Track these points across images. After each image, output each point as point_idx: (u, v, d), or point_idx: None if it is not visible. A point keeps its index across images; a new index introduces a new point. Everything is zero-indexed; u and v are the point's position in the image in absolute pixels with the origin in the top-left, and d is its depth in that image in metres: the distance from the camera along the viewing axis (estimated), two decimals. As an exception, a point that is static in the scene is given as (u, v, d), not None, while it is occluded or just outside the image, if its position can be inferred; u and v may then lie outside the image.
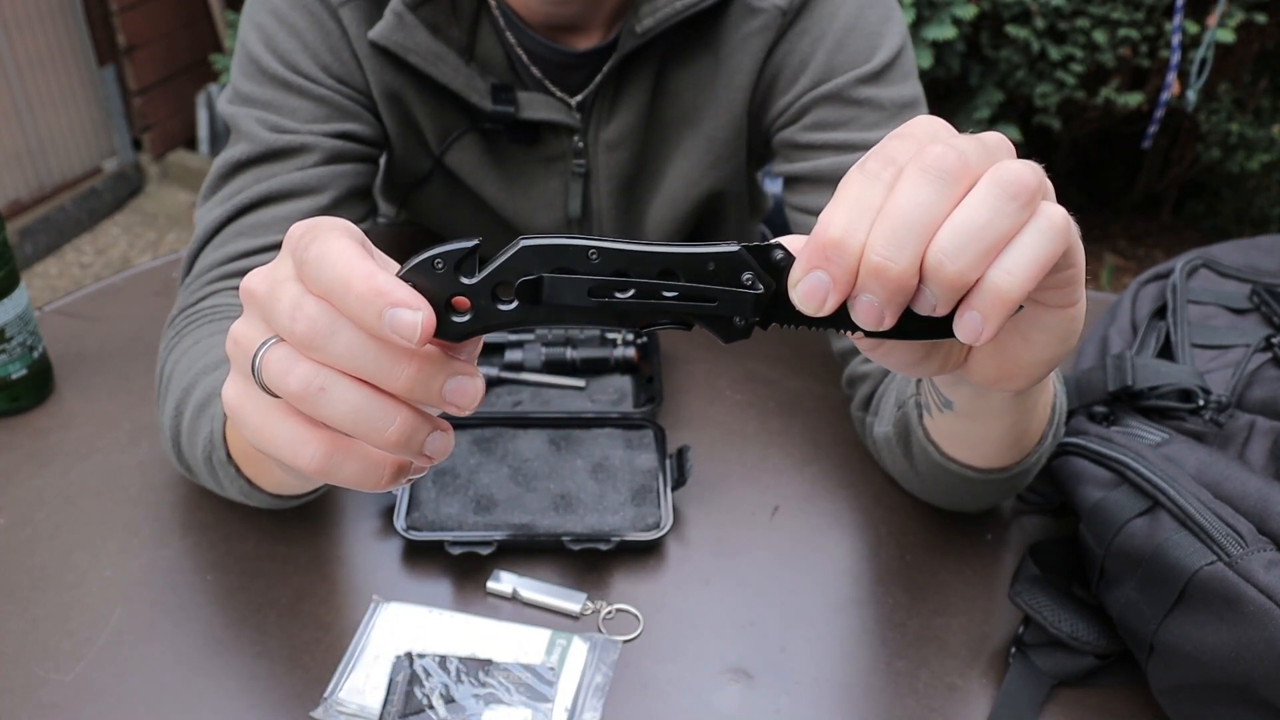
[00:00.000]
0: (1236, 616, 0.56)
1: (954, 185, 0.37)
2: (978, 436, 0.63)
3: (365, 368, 0.39)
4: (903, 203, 0.37)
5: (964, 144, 0.38)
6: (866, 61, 0.80)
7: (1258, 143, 2.47)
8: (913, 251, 0.37)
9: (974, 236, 0.37)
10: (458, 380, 0.39)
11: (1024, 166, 0.38)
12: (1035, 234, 0.38)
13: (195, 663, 0.66)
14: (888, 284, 0.37)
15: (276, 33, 0.81)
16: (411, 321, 0.37)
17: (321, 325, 0.39)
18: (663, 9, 0.80)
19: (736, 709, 0.64)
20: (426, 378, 0.39)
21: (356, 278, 0.37)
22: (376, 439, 0.40)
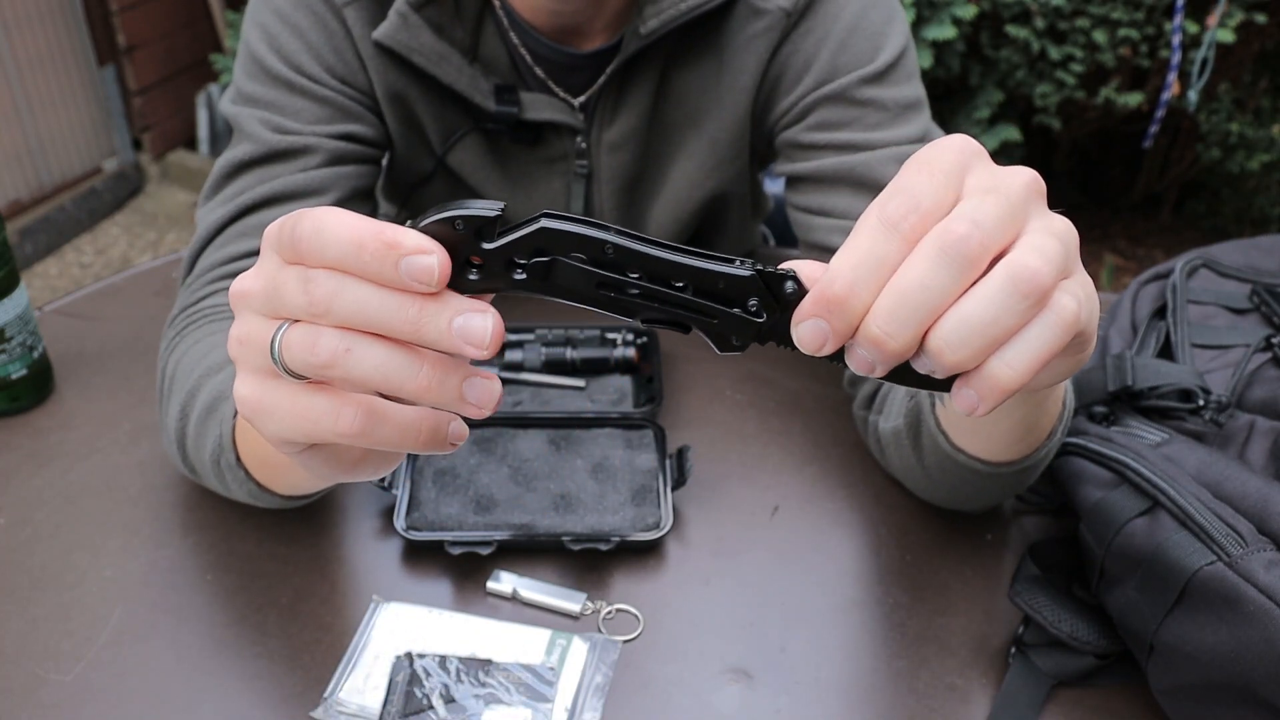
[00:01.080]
0: (1236, 616, 0.56)
1: (968, 271, 0.36)
2: (989, 428, 0.63)
3: (382, 318, 0.39)
4: (912, 281, 0.36)
5: (989, 214, 0.36)
6: (870, 62, 0.80)
7: (1258, 143, 2.47)
8: (914, 332, 0.36)
9: (978, 332, 0.36)
10: (465, 317, 0.39)
11: (1040, 259, 0.36)
12: (1042, 329, 0.37)
13: (195, 663, 0.66)
14: (884, 354, 0.37)
15: (280, 33, 0.81)
16: (428, 265, 0.38)
17: (334, 287, 0.39)
18: (667, 10, 0.80)
19: (736, 709, 0.64)
20: (434, 313, 0.39)
21: (366, 235, 0.38)
22: (410, 388, 0.39)
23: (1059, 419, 0.63)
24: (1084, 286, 0.39)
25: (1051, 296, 0.37)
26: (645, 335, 0.92)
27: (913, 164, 0.38)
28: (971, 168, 0.39)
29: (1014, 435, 0.62)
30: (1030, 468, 0.66)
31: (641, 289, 0.39)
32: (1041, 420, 0.61)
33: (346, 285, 0.38)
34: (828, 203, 0.81)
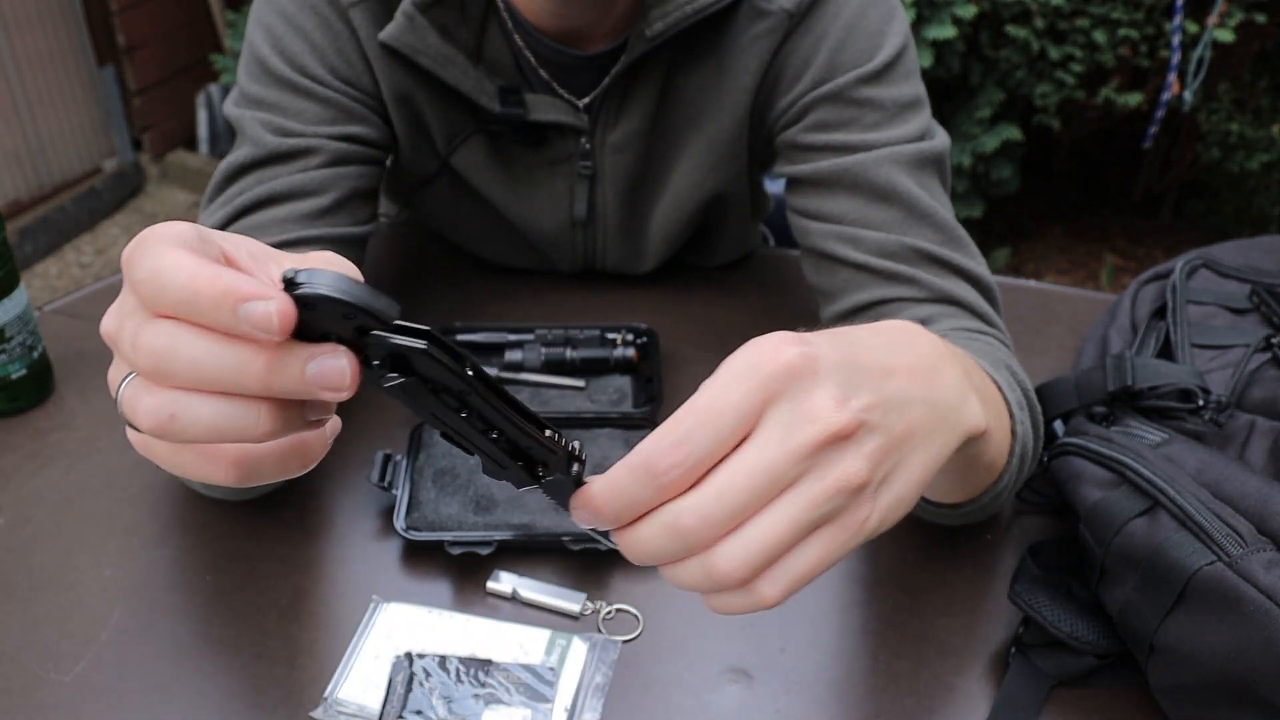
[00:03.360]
0: (1236, 616, 0.56)
1: (690, 549, 0.39)
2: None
3: (217, 377, 0.36)
4: (644, 541, 0.40)
5: (728, 503, 0.38)
6: (868, 61, 0.80)
7: (1258, 143, 2.47)
8: (648, 564, 0.41)
9: (684, 585, 0.41)
10: (318, 362, 0.36)
11: (735, 563, 0.39)
12: (736, 600, 0.41)
13: (195, 663, 0.66)
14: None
15: (284, 34, 0.81)
16: (266, 311, 0.34)
17: (160, 348, 0.36)
18: (673, 13, 0.80)
19: (736, 709, 0.64)
20: (283, 365, 0.36)
21: (202, 282, 0.35)
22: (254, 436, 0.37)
23: (1005, 468, 0.63)
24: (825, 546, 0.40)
25: (751, 584, 0.40)
26: (645, 336, 0.92)
27: (706, 398, 0.39)
28: (779, 399, 0.39)
29: (948, 487, 0.63)
30: (980, 509, 0.66)
31: (461, 429, 0.39)
32: (975, 477, 0.61)
33: (180, 339, 0.35)
34: (825, 206, 0.80)
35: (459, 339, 0.92)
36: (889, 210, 0.77)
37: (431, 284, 1.04)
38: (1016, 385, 0.67)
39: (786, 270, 1.08)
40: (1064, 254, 2.87)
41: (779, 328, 0.41)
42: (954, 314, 0.75)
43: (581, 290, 1.02)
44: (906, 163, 0.79)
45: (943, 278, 0.76)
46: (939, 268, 0.76)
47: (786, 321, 0.39)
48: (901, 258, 0.76)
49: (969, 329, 0.74)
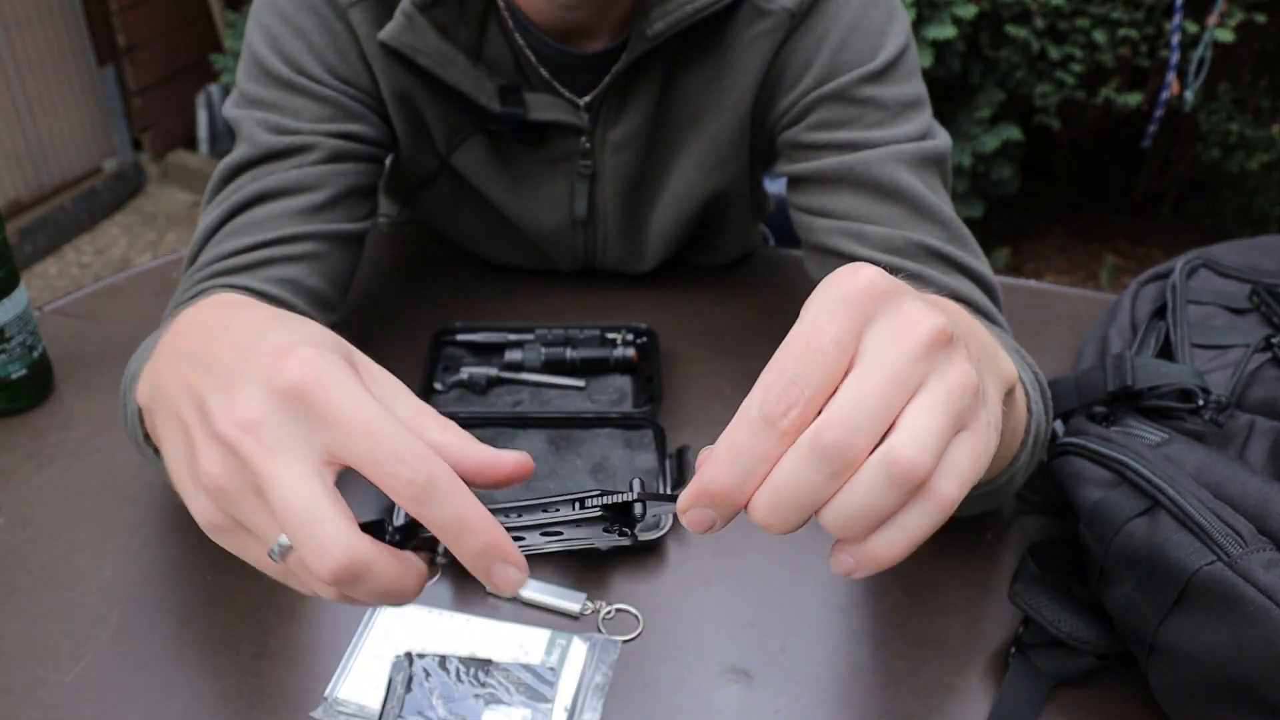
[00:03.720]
0: (1236, 616, 0.56)
1: (842, 471, 0.36)
2: None
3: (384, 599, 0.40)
4: (788, 480, 0.37)
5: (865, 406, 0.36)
6: (870, 60, 0.80)
7: (1258, 142, 2.47)
8: (794, 523, 0.38)
9: (856, 519, 0.37)
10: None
11: (916, 449, 0.36)
12: (920, 516, 0.38)
13: (195, 663, 0.66)
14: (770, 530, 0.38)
15: (282, 35, 0.81)
16: (514, 580, 0.40)
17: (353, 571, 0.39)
18: (674, 12, 0.80)
19: (736, 709, 0.64)
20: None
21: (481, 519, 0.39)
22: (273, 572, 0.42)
23: (1021, 447, 0.63)
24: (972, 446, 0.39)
25: (931, 483, 0.37)
26: (645, 335, 0.92)
27: (800, 336, 0.37)
28: (873, 320, 0.38)
29: None
30: (993, 491, 0.66)
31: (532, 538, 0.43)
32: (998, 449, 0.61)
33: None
34: (829, 203, 0.81)
35: (459, 339, 0.92)
36: (893, 207, 0.77)
37: (431, 284, 1.04)
38: (1028, 366, 0.67)
39: (787, 270, 1.08)
40: (1064, 254, 2.87)
41: (779, 328, 0.41)
42: None
43: (581, 290, 1.02)
44: (909, 161, 0.79)
45: (948, 275, 0.76)
46: (944, 265, 0.76)
47: (787, 322, 0.38)
48: (908, 253, 0.76)
49: None
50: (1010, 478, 0.64)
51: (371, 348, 1.04)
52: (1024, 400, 0.61)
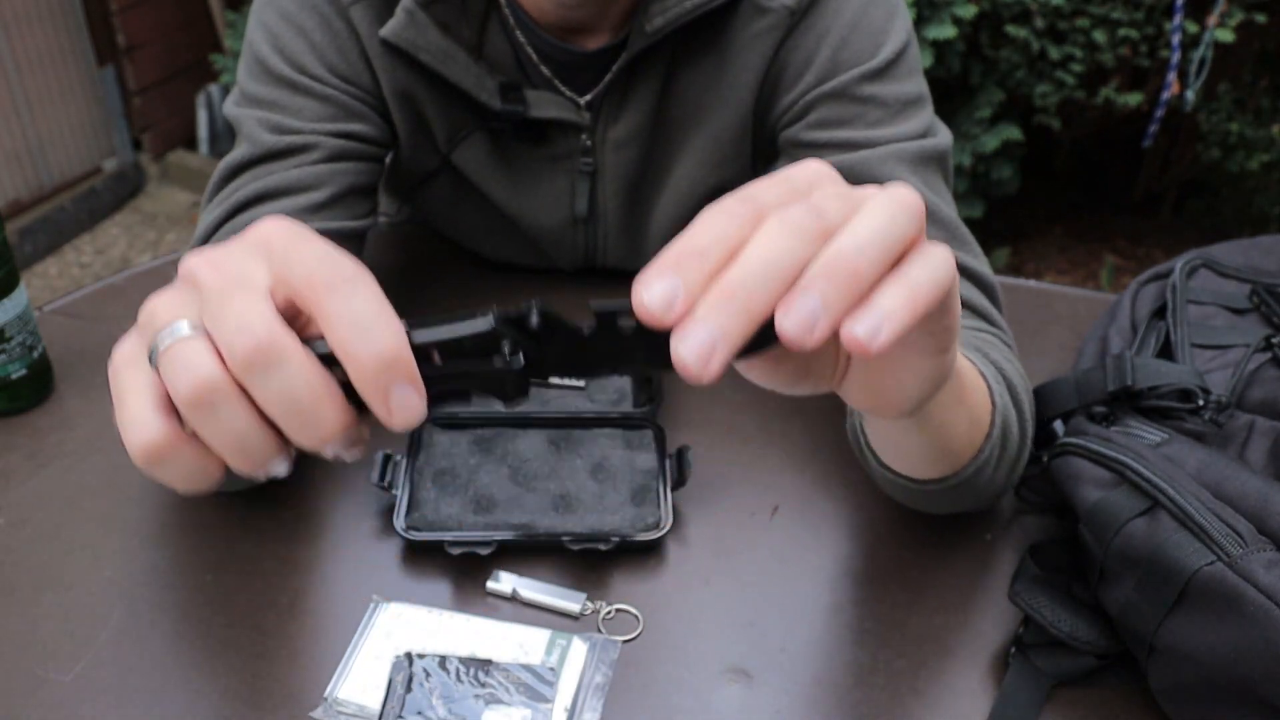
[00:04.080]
0: (1236, 616, 0.56)
1: (815, 239, 0.36)
2: (897, 451, 0.64)
3: (286, 418, 0.36)
4: (764, 246, 0.36)
5: (831, 204, 0.37)
6: (871, 58, 0.80)
7: (1258, 142, 2.47)
8: (774, 290, 0.36)
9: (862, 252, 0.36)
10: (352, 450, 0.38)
11: (912, 191, 0.37)
12: (922, 267, 0.38)
13: (195, 663, 0.66)
14: (738, 315, 0.35)
15: (283, 33, 0.81)
16: (415, 412, 0.36)
17: (269, 351, 0.35)
18: (673, 8, 0.80)
19: (736, 709, 0.64)
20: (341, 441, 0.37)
21: (384, 329, 0.36)
22: (241, 465, 0.37)
23: (986, 439, 0.63)
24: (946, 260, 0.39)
25: (916, 250, 0.38)
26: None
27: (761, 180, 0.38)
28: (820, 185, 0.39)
29: (926, 458, 0.63)
30: (963, 484, 0.66)
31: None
32: (952, 444, 0.61)
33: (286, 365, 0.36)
34: None
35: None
36: None
37: (431, 283, 1.04)
38: (991, 364, 0.68)
39: (786, 270, 1.08)
40: (1064, 254, 2.87)
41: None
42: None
43: (582, 290, 1.02)
44: (909, 160, 0.79)
45: None
46: None
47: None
48: None
49: (969, 328, 0.74)
50: (978, 468, 0.64)
51: (371, 348, 1.03)
52: (979, 393, 0.62)
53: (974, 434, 0.63)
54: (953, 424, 0.59)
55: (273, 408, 0.36)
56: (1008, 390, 0.68)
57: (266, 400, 0.36)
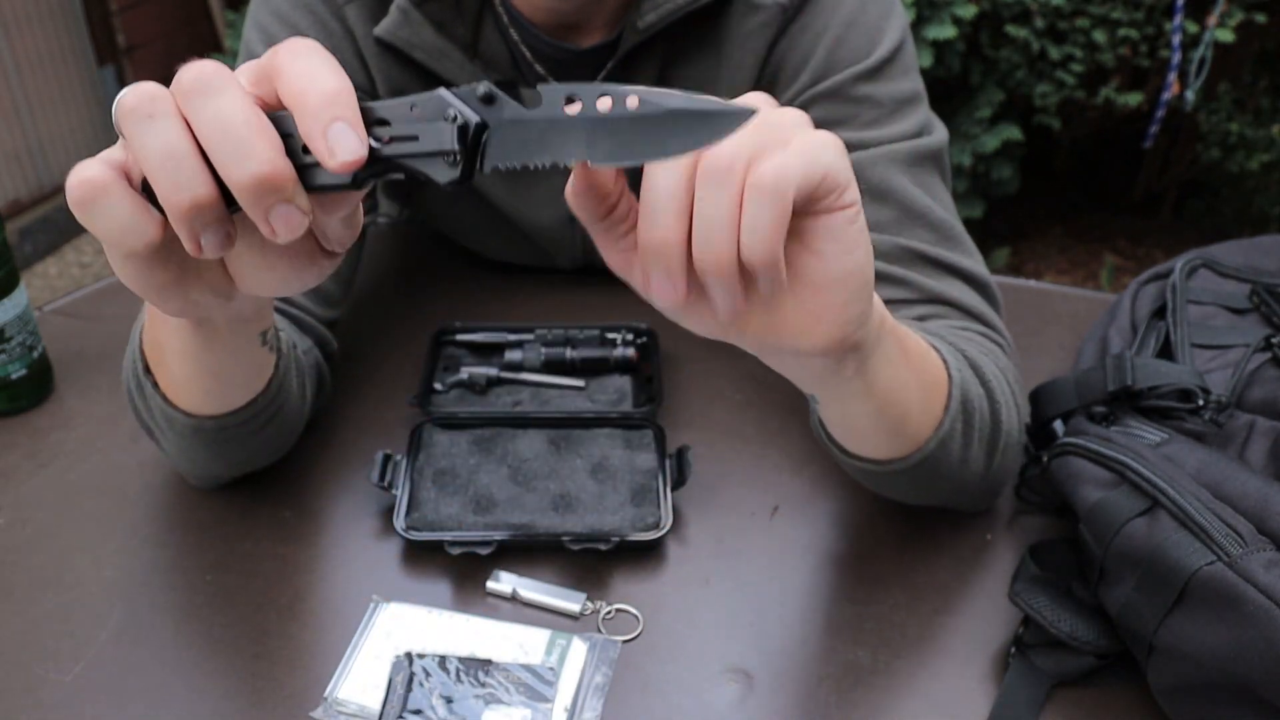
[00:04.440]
0: (1236, 616, 0.56)
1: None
2: (850, 426, 0.64)
3: (220, 142, 0.40)
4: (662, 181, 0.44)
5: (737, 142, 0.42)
6: (866, 58, 0.80)
7: (1258, 142, 2.47)
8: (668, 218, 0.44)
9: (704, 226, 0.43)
10: (287, 209, 0.41)
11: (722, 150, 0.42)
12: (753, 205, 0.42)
13: (195, 663, 0.66)
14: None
15: (279, 34, 0.81)
16: (353, 148, 0.39)
17: (211, 80, 0.40)
18: (665, 5, 0.80)
19: (736, 709, 0.64)
20: (270, 189, 0.40)
21: (330, 75, 0.40)
22: (169, 194, 0.40)
23: (945, 412, 0.64)
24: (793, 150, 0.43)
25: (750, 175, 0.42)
26: (645, 335, 0.92)
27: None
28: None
29: (880, 431, 0.63)
30: (928, 461, 0.65)
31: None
32: (904, 411, 0.61)
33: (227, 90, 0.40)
34: None
35: (459, 339, 0.92)
36: (883, 210, 0.77)
37: (431, 284, 1.04)
38: (949, 345, 0.68)
39: (786, 270, 1.08)
40: (1064, 254, 2.87)
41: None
42: (947, 314, 0.75)
43: (581, 289, 1.02)
44: (903, 160, 0.78)
45: (936, 278, 0.76)
46: (932, 268, 0.76)
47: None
48: (894, 259, 0.76)
49: (961, 328, 0.74)
50: (940, 442, 0.64)
51: (372, 347, 1.04)
52: (937, 360, 0.63)
53: (928, 404, 0.63)
54: (899, 388, 0.59)
55: (206, 129, 0.40)
56: (970, 369, 0.68)
57: (202, 123, 0.40)
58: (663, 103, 0.41)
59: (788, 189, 0.42)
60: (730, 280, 0.44)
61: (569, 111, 0.41)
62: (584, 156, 0.41)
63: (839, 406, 0.61)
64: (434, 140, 0.41)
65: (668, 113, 0.41)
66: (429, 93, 0.41)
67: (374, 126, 0.41)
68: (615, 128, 0.41)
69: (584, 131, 0.41)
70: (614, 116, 0.41)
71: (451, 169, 0.41)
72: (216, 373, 0.63)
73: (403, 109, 0.41)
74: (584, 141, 0.41)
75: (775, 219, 0.42)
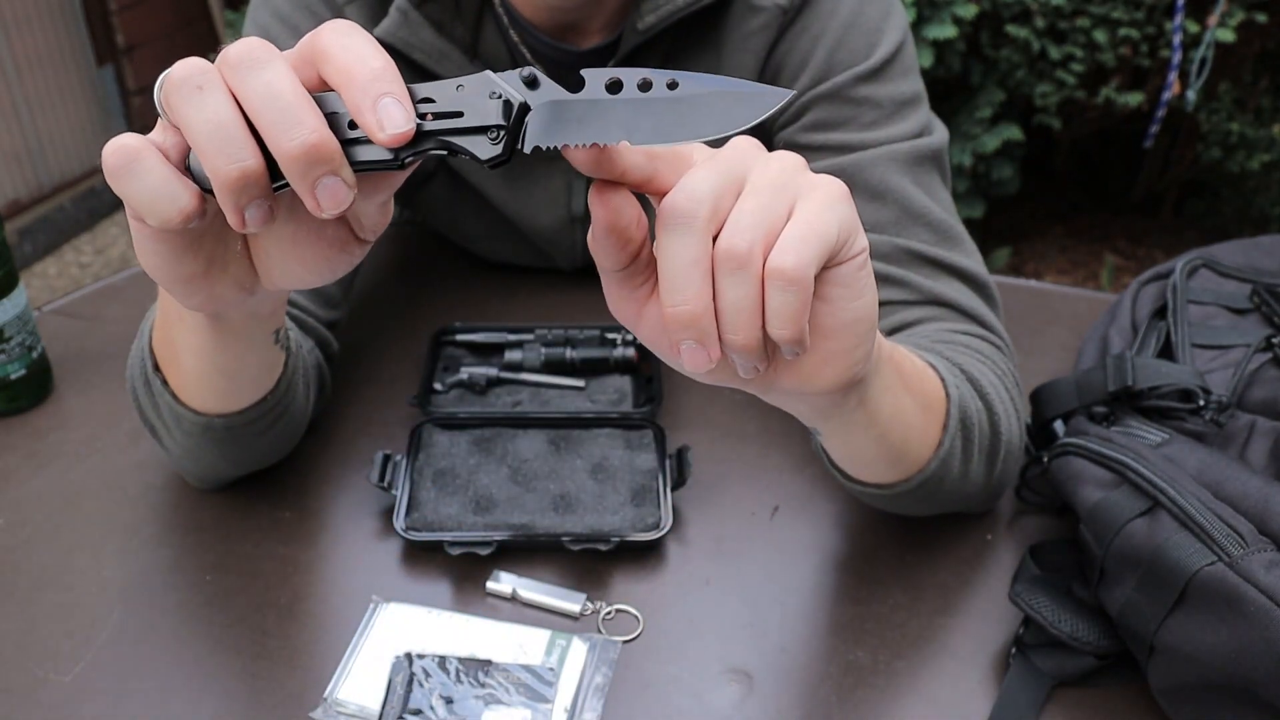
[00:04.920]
0: (1237, 617, 0.56)
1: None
2: (853, 455, 0.64)
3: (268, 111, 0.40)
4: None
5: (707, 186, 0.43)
6: (865, 59, 0.80)
7: (1258, 142, 2.47)
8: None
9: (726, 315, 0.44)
10: (334, 181, 0.41)
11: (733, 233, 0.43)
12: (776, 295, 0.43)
13: (195, 663, 0.66)
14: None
15: (279, 35, 0.81)
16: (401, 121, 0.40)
17: (258, 54, 0.40)
18: (664, 6, 0.80)
19: (736, 709, 0.64)
20: (318, 158, 0.40)
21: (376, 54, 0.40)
22: (220, 165, 0.40)
23: (944, 431, 0.64)
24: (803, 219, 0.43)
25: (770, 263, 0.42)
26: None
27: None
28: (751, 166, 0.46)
29: (884, 459, 0.63)
30: (931, 481, 0.65)
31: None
32: (905, 437, 0.61)
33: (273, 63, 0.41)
34: None
35: (459, 339, 0.92)
36: (882, 211, 0.77)
37: (431, 284, 1.04)
38: (944, 359, 0.68)
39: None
40: (1064, 254, 2.87)
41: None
42: (945, 316, 0.75)
43: (581, 290, 1.02)
44: (903, 161, 0.78)
45: (934, 279, 0.76)
46: (931, 268, 0.76)
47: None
48: (893, 259, 0.76)
49: (959, 330, 0.74)
50: (942, 461, 0.64)
51: (371, 348, 1.04)
52: (934, 379, 0.63)
53: (929, 425, 0.63)
54: (900, 413, 0.59)
55: (255, 100, 0.40)
56: (968, 383, 0.68)
57: (250, 94, 0.40)
58: (702, 84, 0.42)
59: (808, 272, 0.42)
60: (757, 354, 0.44)
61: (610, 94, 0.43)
62: (624, 137, 0.42)
63: (842, 438, 0.61)
64: (479, 116, 0.42)
65: (706, 94, 0.42)
66: (474, 75, 0.42)
67: (418, 104, 0.42)
68: (655, 108, 0.42)
69: (624, 112, 0.43)
70: (654, 97, 0.42)
71: (494, 145, 0.42)
72: (228, 370, 0.63)
73: (448, 88, 0.42)
74: (624, 123, 0.42)
75: (799, 305, 0.42)
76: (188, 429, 0.67)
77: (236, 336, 0.59)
